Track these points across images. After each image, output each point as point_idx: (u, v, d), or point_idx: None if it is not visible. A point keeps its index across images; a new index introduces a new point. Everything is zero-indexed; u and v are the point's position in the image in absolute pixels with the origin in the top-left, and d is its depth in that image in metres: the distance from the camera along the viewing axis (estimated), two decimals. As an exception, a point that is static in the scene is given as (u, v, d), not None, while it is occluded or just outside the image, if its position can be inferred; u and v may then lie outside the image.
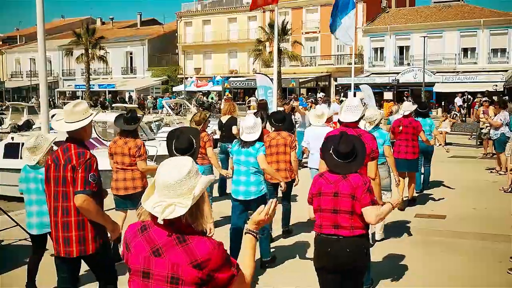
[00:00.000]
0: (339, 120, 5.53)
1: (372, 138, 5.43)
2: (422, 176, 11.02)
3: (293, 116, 14.12)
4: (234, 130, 10.17)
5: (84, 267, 4.57)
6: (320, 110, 8.97)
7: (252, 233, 2.67)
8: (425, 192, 10.95)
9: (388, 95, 38.83)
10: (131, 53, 60.63)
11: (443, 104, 40.05)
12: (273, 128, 7.81)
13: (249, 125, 6.20)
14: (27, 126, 23.60)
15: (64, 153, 4.27)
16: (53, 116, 9.85)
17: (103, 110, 24.00)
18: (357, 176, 4.10)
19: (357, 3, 19.72)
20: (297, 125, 14.17)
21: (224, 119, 10.75)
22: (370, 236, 7.16)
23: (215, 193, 9.97)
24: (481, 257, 6.91)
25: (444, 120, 21.66)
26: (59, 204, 4.26)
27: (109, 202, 6.37)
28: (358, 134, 5.23)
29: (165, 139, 5.52)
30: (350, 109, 5.32)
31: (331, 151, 4.18)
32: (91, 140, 14.19)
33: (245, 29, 53.36)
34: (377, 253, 7.03)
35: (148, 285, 2.41)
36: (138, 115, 7.32)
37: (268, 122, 7.97)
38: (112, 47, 57.71)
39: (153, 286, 2.40)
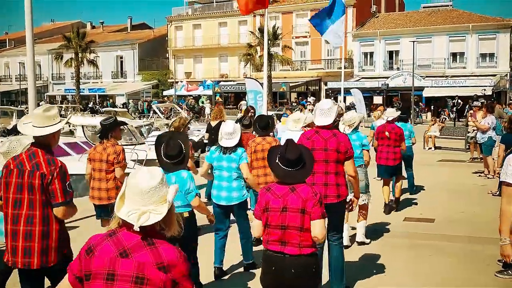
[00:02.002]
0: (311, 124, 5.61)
1: (346, 137, 5.49)
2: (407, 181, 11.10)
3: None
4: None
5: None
6: (298, 114, 8.72)
7: None
8: (413, 195, 11.00)
9: (378, 99, 39.03)
10: (121, 57, 60.50)
11: (432, 108, 40.31)
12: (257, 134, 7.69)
13: (228, 130, 6.19)
14: (16, 130, 23.40)
15: (31, 159, 4.08)
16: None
17: (93, 114, 23.88)
18: (307, 188, 3.87)
19: (347, 8, 19.84)
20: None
21: (213, 123, 10.93)
22: (347, 238, 7.28)
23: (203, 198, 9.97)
24: (470, 260, 6.95)
25: (433, 124, 21.80)
26: (21, 212, 4.03)
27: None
28: (333, 134, 5.37)
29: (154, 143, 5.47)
30: (323, 112, 5.39)
31: (277, 160, 3.96)
32: (80, 143, 14.13)
33: (235, 34, 53.45)
34: (363, 257, 7.07)
35: (112, 287, 2.41)
36: (115, 118, 7.22)
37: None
38: (102, 51, 57.62)
39: (117, 287, 2.40)
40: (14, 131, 23.00)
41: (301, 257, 3.82)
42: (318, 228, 3.78)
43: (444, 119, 27.89)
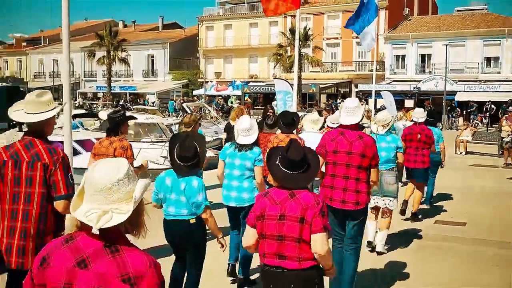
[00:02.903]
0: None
1: (373, 141, 5.27)
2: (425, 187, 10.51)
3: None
4: None
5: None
6: (316, 115, 8.48)
7: None
8: (444, 199, 10.83)
9: (409, 103, 38.54)
10: (152, 56, 61.07)
11: (464, 113, 39.63)
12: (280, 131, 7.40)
13: (245, 127, 5.75)
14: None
15: (28, 149, 3.71)
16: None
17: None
18: (308, 194, 3.43)
19: (379, 10, 19.60)
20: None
21: (233, 122, 10.68)
22: (370, 246, 7.15)
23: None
24: (506, 264, 6.78)
25: (466, 129, 21.44)
26: (19, 207, 3.68)
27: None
28: (359, 136, 5.17)
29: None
30: (349, 110, 5.21)
31: (277, 162, 3.56)
32: (94, 140, 14.29)
33: (266, 34, 53.44)
34: (393, 263, 6.95)
35: None
36: (126, 113, 6.84)
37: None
38: (134, 50, 58.26)
39: None
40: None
41: (301, 272, 3.40)
42: (319, 243, 3.33)
43: (476, 124, 27.37)
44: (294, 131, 7.59)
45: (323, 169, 5.35)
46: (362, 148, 5.08)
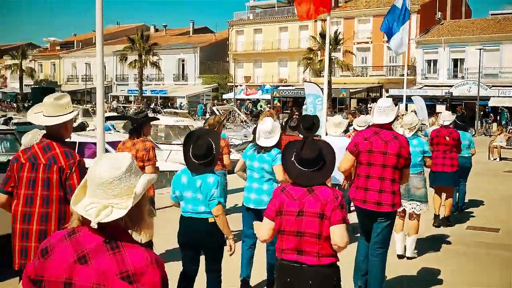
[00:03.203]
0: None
1: (407, 141, 5.19)
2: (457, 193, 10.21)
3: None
4: None
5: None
6: (339, 118, 8.37)
7: None
8: (476, 205, 10.62)
9: (441, 108, 37.99)
10: (183, 60, 61.62)
11: (498, 118, 38.86)
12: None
13: (266, 129, 5.65)
14: (81, 128, 24.25)
15: (45, 151, 3.74)
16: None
17: (155, 113, 24.51)
18: (327, 190, 3.41)
19: (411, 14, 19.39)
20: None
21: None
22: (402, 247, 7.03)
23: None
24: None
25: (500, 134, 21.02)
26: (34, 209, 3.70)
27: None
28: (393, 136, 5.08)
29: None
30: (382, 110, 5.13)
31: (293, 159, 3.53)
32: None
33: (296, 39, 53.39)
34: (418, 269, 6.85)
35: None
36: (146, 113, 6.85)
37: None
38: (165, 54, 58.89)
39: None
40: (80, 129, 23.88)
41: (320, 268, 3.36)
42: (338, 233, 3.30)
43: (511, 130, 26.81)
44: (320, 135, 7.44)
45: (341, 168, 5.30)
46: (397, 148, 4.99)
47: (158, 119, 10.83)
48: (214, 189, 4.57)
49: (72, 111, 3.86)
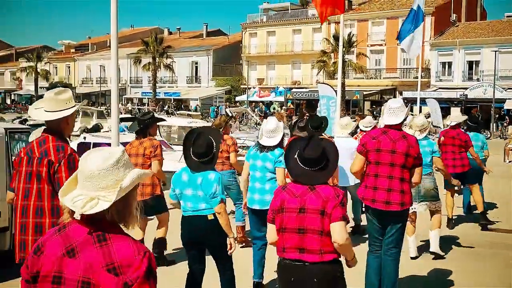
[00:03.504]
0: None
1: (416, 141, 5.15)
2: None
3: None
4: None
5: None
6: (346, 119, 8.28)
7: None
8: (493, 208, 10.51)
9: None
10: (196, 63, 61.81)
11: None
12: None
13: (270, 128, 5.64)
14: (96, 129, 24.44)
15: (40, 145, 3.75)
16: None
17: (169, 115, 24.64)
18: (328, 188, 3.42)
19: (425, 16, 19.22)
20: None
21: None
22: (415, 249, 6.98)
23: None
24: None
25: (515, 137, 20.81)
26: (30, 203, 3.73)
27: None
28: (402, 135, 5.07)
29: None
30: (392, 110, 5.11)
31: (296, 156, 3.53)
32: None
33: (309, 41, 53.32)
34: (433, 270, 6.78)
35: None
36: (152, 114, 6.90)
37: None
38: (179, 57, 59.15)
39: None
40: (94, 130, 24.08)
41: (323, 265, 3.36)
42: (338, 231, 3.30)
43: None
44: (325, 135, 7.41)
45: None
46: (405, 147, 4.97)
47: (165, 120, 10.87)
48: (216, 185, 4.55)
49: (73, 106, 3.82)
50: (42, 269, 2.04)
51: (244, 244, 7.32)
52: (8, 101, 74.77)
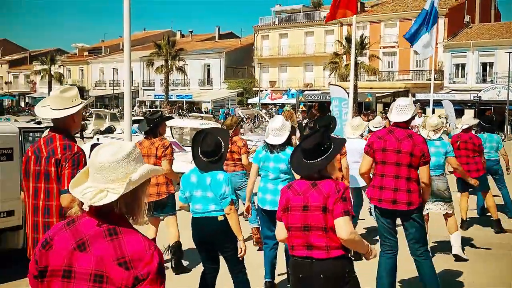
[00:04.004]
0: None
1: (423, 141, 5.11)
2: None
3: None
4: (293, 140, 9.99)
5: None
6: (357, 120, 8.15)
7: None
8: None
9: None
10: (208, 65, 61.97)
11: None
12: None
13: (276, 126, 5.57)
14: (109, 131, 24.58)
15: (47, 144, 3.72)
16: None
17: (181, 117, 24.71)
18: (329, 183, 3.42)
19: (438, 18, 19.08)
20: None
21: None
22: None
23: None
24: None
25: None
26: (39, 202, 3.73)
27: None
28: (407, 135, 5.07)
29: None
30: (400, 108, 5.14)
31: (299, 151, 3.61)
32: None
33: (321, 43, 53.25)
34: (449, 271, 6.73)
35: (70, 287, 2.01)
36: (161, 113, 6.85)
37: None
38: (191, 59, 59.33)
39: (74, 287, 2.01)
40: (107, 133, 24.22)
41: (330, 261, 3.37)
42: (341, 226, 3.29)
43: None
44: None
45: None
46: (411, 147, 4.97)
47: (173, 118, 10.86)
48: (225, 186, 4.56)
49: (79, 104, 3.80)
50: (51, 263, 2.04)
51: (260, 246, 7.21)
52: (22, 104, 75.47)
